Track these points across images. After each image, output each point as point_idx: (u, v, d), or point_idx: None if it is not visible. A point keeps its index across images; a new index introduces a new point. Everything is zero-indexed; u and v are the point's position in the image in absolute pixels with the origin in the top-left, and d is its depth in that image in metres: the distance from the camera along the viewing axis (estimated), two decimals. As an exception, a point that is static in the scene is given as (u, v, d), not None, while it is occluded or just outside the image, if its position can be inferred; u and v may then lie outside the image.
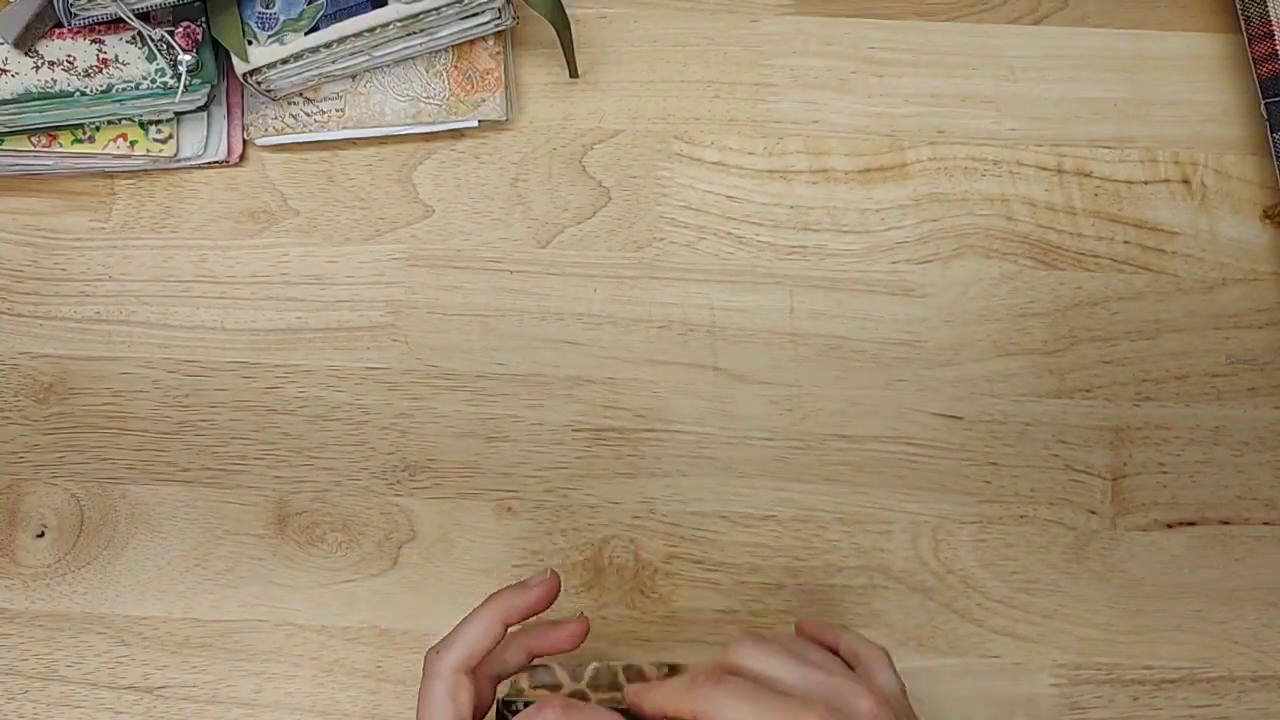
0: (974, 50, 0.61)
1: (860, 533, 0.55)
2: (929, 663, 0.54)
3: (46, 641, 0.53)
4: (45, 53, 0.54)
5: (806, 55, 0.61)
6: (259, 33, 0.55)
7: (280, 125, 0.58)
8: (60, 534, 0.54)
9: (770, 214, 0.59)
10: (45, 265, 0.58)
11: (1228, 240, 0.59)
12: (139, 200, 0.58)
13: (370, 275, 0.58)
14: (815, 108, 0.60)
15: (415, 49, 0.57)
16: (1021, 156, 0.60)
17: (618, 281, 0.58)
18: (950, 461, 0.56)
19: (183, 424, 0.56)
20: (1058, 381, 0.57)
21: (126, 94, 0.54)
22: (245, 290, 0.57)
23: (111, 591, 0.54)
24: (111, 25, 0.54)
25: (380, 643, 0.53)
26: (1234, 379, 0.57)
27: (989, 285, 0.58)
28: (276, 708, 0.52)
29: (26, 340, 0.57)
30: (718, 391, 0.56)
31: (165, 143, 0.57)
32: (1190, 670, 0.53)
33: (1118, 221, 0.59)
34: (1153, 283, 0.58)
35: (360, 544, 0.54)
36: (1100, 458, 0.56)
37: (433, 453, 0.55)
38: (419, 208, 0.59)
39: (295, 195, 0.59)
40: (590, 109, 0.60)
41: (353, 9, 0.55)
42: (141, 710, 0.52)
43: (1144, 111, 0.61)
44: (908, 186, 0.59)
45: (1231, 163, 0.60)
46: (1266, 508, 0.55)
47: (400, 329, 0.57)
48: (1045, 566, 0.55)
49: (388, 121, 0.58)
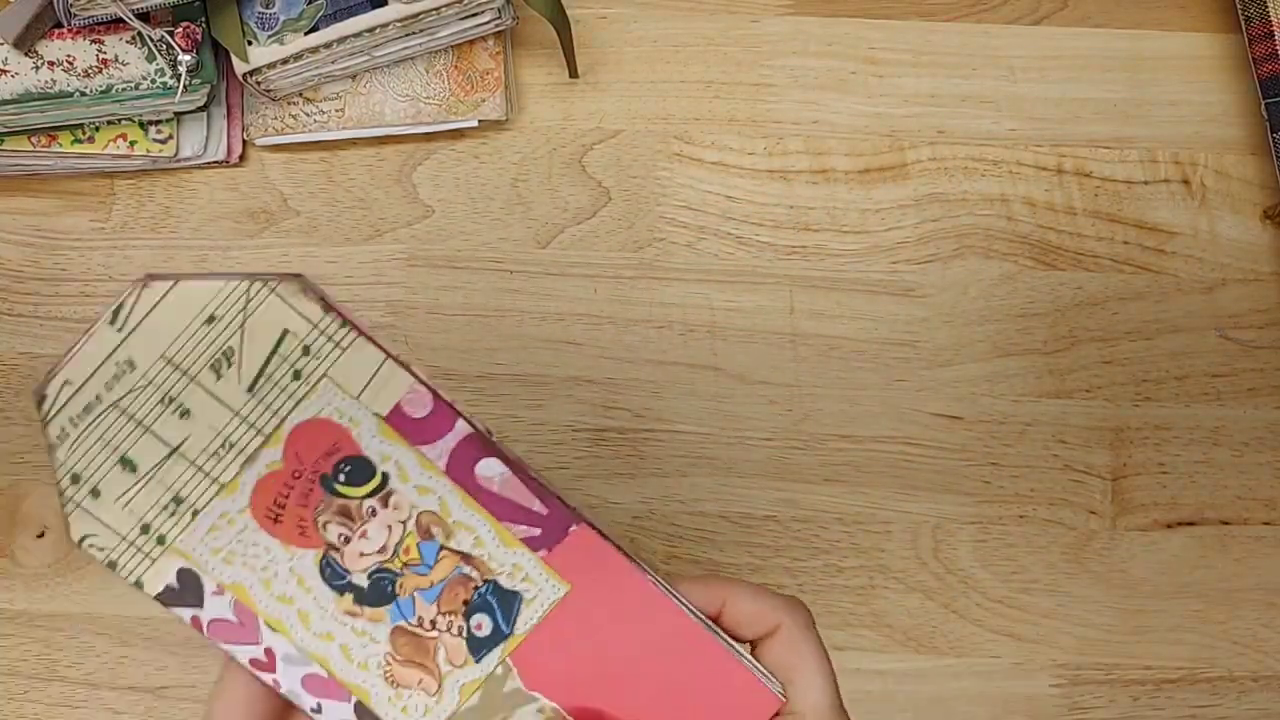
0: (974, 50, 0.61)
1: (860, 533, 0.55)
2: (929, 663, 0.54)
3: (47, 642, 0.53)
4: (45, 53, 0.54)
5: (806, 55, 0.61)
6: (259, 33, 0.55)
7: (280, 125, 0.58)
8: (60, 534, 0.54)
9: (770, 214, 0.59)
10: (45, 265, 0.58)
11: (1228, 241, 0.59)
12: (139, 200, 0.58)
13: (370, 275, 0.58)
14: (815, 108, 0.60)
15: (415, 49, 0.57)
16: (1021, 157, 0.60)
17: (618, 281, 0.58)
18: (950, 461, 0.56)
19: (183, 424, 0.56)
20: (1057, 382, 0.57)
21: (126, 94, 0.54)
22: (245, 290, 0.57)
23: (112, 592, 0.54)
24: (111, 25, 0.54)
25: (380, 643, 0.53)
26: (1234, 379, 0.57)
27: (989, 285, 0.58)
28: (277, 708, 0.52)
29: (26, 340, 0.57)
30: (718, 391, 0.56)
31: (165, 143, 0.57)
32: (1190, 670, 0.53)
33: (1118, 222, 0.59)
34: (1153, 283, 0.58)
35: (360, 544, 0.54)
36: (1100, 458, 0.56)
37: (433, 453, 0.55)
38: (419, 208, 0.59)
39: (295, 195, 0.59)
40: (590, 109, 0.60)
41: (352, 9, 0.55)
42: (142, 710, 0.52)
43: (1144, 112, 0.61)
44: (908, 187, 0.59)
45: (1231, 163, 0.60)
46: (1266, 508, 0.55)
47: (400, 329, 0.57)
48: (1045, 567, 0.55)
49: (387, 121, 0.58)
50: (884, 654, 0.54)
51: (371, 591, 0.33)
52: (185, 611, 0.33)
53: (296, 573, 0.33)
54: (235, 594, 0.33)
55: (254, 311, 0.32)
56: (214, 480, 0.32)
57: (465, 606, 0.34)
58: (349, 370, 0.32)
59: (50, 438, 0.31)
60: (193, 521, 0.32)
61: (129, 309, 0.31)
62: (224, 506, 0.32)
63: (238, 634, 0.33)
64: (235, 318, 0.32)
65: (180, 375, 0.32)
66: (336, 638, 0.33)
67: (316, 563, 0.33)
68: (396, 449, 0.33)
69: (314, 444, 0.33)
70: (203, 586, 0.33)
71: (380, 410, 0.33)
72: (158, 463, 0.32)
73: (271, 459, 0.32)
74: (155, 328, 0.31)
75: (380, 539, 0.33)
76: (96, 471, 0.32)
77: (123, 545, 0.32)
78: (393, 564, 0.33)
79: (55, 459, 0.32)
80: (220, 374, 0.32)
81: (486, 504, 0.34)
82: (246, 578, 0.33)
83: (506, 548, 0.34)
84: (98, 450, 0.32)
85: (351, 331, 0.32)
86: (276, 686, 0.33)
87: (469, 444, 0.33)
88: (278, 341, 0.32)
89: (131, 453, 0.32)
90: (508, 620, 0.34)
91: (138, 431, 0.32)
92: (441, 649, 0.34)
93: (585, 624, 0.34)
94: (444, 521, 0.33)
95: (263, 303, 0.32)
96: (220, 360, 0.32)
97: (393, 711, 0.34)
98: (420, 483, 0.33)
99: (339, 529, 0.33)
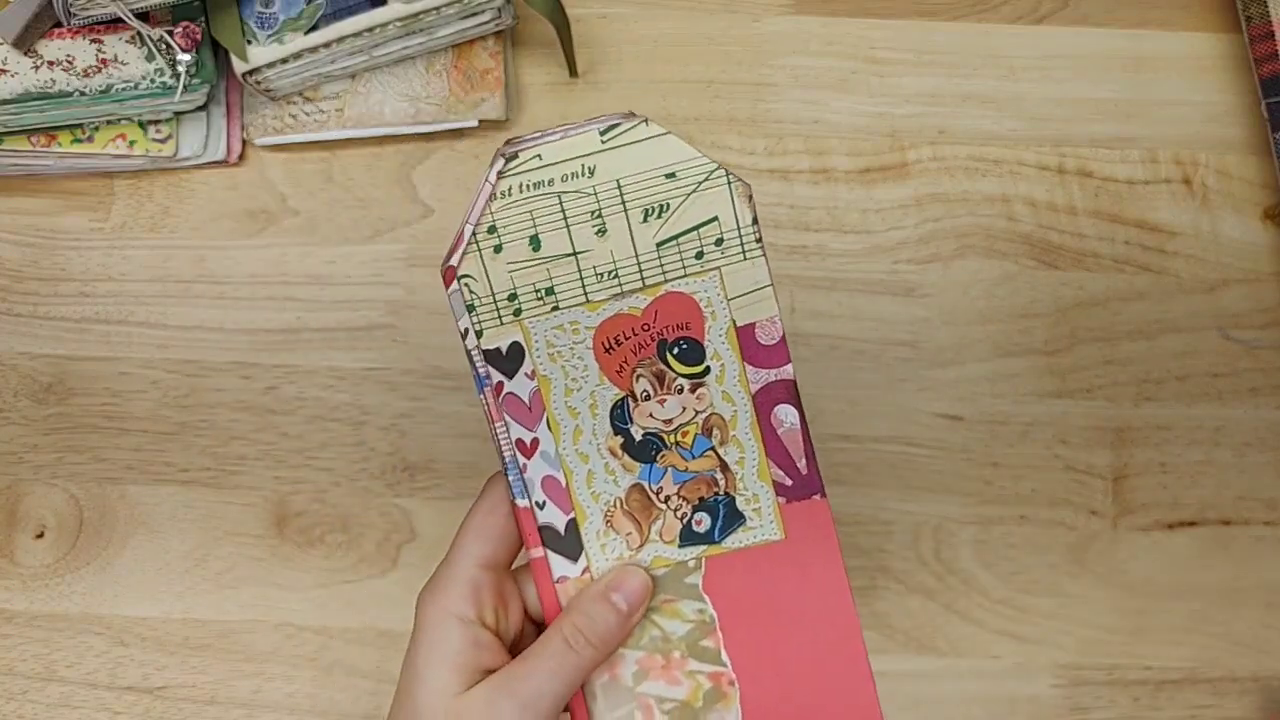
0: (975, 50, 0.61)
1: (860, 533, 0.55)
2: (930, 664, 0.54)
3: (45, 642, 0.53)
4: (44, 52, 0.54)
5: (807, 55, 0.61)
6: (258, 32, 0.55)
7: (279, 125, 0.58)
8: (59, 534, 0.54)
9: (771, 214, 0.59)
10: (44, 265, 0.58)
11: (1229, 240, 0.59)
12: (138, 200, 0.58)
13: (370, 275, 0.58)
14: (816, 107, 0.60)
15: (415, 48, 0.57)
16: (1022, 156, 0.60)
17: (618, 281, 0.58)
18: (951, 462, 0.56)
19: (182, 424, 0.55)
20: (1059, 382, 0.57)
21: (125, 94, 0.54)
22: (244, 290, 0.57)
23: (110, 592, 0.53)
24: (111, 25, 0.54)
25: (380, 643, 0.53)
26: (1235, 379, 0.57)
27: (990, 285, 0.58)
28: (276, 708, 0.52)
29: (26, 340, 0.57)
30: (718, 392, 0.56)
31: (164, 142, 0.57)
32: (1191, 670, 0.53)
33: (1119, 221, 0.59)
34: (1154, 283, 0.58)
35: (360, 545, 0.54)
36: (1101, 458, 0.56)
37: (432, 453, 0.55)
38: (418, 207, 0.59)
39: (294, 195, 0.59)
40: (590, 108, 0.60)
41: (352, 8, 0.55)
42: (140, 711, 0.52)
43: (1145, 111, 0.60)
44: (908, 186, 0.59)
45: (1232, 163, 0.60)
46: (1267, 508, 0.55)
47: (400, 329, 0.57)
48: (1046, 567, 0.55)
49: (387, 121, 0.58)
50: (885, 654, 0.54)
51: (639, 447, 0.38)
52: (496, 375, 0.37)
53: (594, 397, 0.38)
54: (540, 385, 0.37)
55: (704, 190, 0.36)
56: (586, 292, 0.37)
57: (699, 502, 0.38)
58: (738, 276, 0.37)
59: (497, 188, 0.36)
60: (550, 314, 0.37)
61: (620, 131, 0.36)
62: (578, 316, 0.37)
63: (523, 415, 0.38)
64: (689, 185, 0.36)
65: (619, 201, 0.36)
66: (589, 462, 0.38)
67: (614, 400, 0.38)
68: (730, 355, 0.38)
69: (673, 312, 0.37)
70: (522, 364, 0.37)
71: (739, 320, 0.37)
72: (557, 255, 0.36)
73: (636, 304, 0.37)
74: (627, 155, 0.36)
75: (672, 413, 0.38)
76: (510, 234, 0.36)
77: (489, 299, 0.37)
78: (668, 437, 0.38)
79: (489, 206, 0.36)
80: (646, 219, 0.36)
81: (766, 438, 0.38)
82: (557, 378, 0.37)
83: (759, 479, 0.38)
84: (523, 220, 0.36)
85: (759, 249, 0.37)
86: (523, 470, 0.38)
87: (782, 386, 0.38)
88: (705, 221, 0.37)
89: (544, 236, 0.36)
90: (723, 532, 0.39)
91: (559, 223, 0.36)
92: (661, 520, 0.38)
93: (776, 573, 0.39)
94: (725, 430, 0.38)
95: (714, 186, 0.36)
96: (654, 209, 0.36)
97: (594, 543, 0.38)
98: (729, 390, 0.38)
99: (647, 386, 0.38)
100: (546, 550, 0.38)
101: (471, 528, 0.39)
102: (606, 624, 0.38)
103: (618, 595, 0.38)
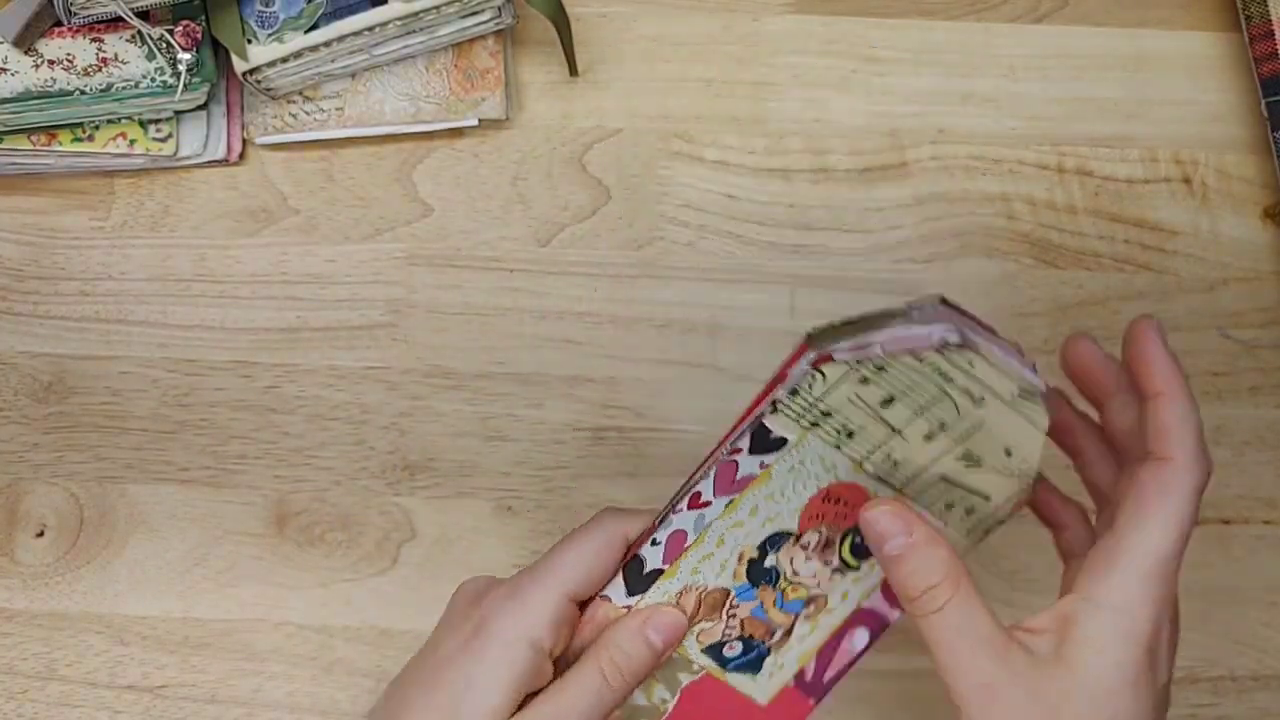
0: (974, 49, 0.61)
1: (861, 532, 0.55)
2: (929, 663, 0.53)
3: (46, 641, 0.53)
4: (45, 51, 0.54)
5: (807, 54, 0.61)
6: (259, 31, 0.55)
7: (280, 124, 0.58)
8: (59, 533, 0.54)
9: (771, 213, 0.59)
10: (45, 264, 0.58)
11: (1228, 239, 0.59)
12: (138, 199, 0.58)
13: (370, 274, 0.58)
14: (816, 106, 0.60)
15: (415, 48, 0.57)
16: (1022, 155, 0.60)
17: (617, 280, 0.58)
18: (951, 461, 0.55)
19: (182, 423, 0.55)
20: (1059, 381, 0.56)
21: (126, 93, 0.54)
22: (244, 289, 0.57)
23: (111, 591, 0.53)
24: (111, 24, 0.54)
25: (380, 643, 0.53)
26: (1235, 378, 0.57)
27: (990, 284, 0.58)
28: (276, 707, 0.52)
29: (26, 339, 0.57)
30: (718, 391, 0.56)
31: (165, 141, 0.57)
32: (1191, 670, 0.53)
33: (1118, 221, 0.59)
34: (1154, 282, 0.58)
35: (360, 544, 0.54)
36: (1101, 457, 0.56)
37: (432, 452, 0.55)
38: (419, 206, 0.59)
39: (295, 194, 0.59)
40: (590, 107, 0.60)
41: (352, 7, 0.55)
42: (141, 710, 0.52)
43: (1144, 111, 0.60)
44: (909, 185, 0.59)
45: (1232, 162, 0.60)
46: (1267, 507, 0.55)
47: (400, 328, 0.57)
48: (1046, 566, 0.55)
49: (387, 120, 0.58)
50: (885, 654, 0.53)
51: (760, 569, 0.39)
52: (746, 445, 0.37)
53: (776, 517, 0.39)
54: (759, 477, 0.38)
55: (1009, 475, 0.37)
56: (867, 459, 0.37)
57: (747, 637, 0.40)
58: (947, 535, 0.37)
59: (927, 353, 0.34)
60: (828, 447, 0.37)
61: (1031, 400, 0.35)
62: (838, 462, 0.37)
63: (723, 483, 0.38)
64: (1011, 469, 0.37)
65: (963, 437, 0.36)
66: (719, 548, 0.39)
67: (784, 529, 0.39)
68: (877, 577, 0.40)
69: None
70: (768, 455, 0.37)
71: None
72: (887, 421, 0.36)
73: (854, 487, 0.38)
74: (1013, 422, 0.35)
75: (806, 572, 0.40)
76: (883, 380, 0.35)
77: (814, 399, 0.36)
78: (782, 580, 0.40)
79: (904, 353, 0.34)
80: (959, 461, 0.37)
81: (830, 641, 0.41)
82: (774, 484, 0.38)
83: (796, 660, 0.41)
84: (902, 380, 0.35)
85: (980, 541, 0.40)
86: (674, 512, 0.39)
87: (880, 621, 0.41)
88: (979, 493, 0.38)
89: (898, 403, 0.35)
90: (736, 667, 0.41)
91: (914, 409, 0.35)
92: (711, 625, 0.40)
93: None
94: (818, 613, 0.40)
95: (1019, 490, 0.38)
96: (974, 460, 0.37)
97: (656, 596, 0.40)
98: (851, 592, 0.40)
99: (814, 540, 0.39)
100: (620, 572, 0.40)
101: (574, 552, 0.40)
102: (641, 660, 0.39)
103: (654, 633, 0.39)
